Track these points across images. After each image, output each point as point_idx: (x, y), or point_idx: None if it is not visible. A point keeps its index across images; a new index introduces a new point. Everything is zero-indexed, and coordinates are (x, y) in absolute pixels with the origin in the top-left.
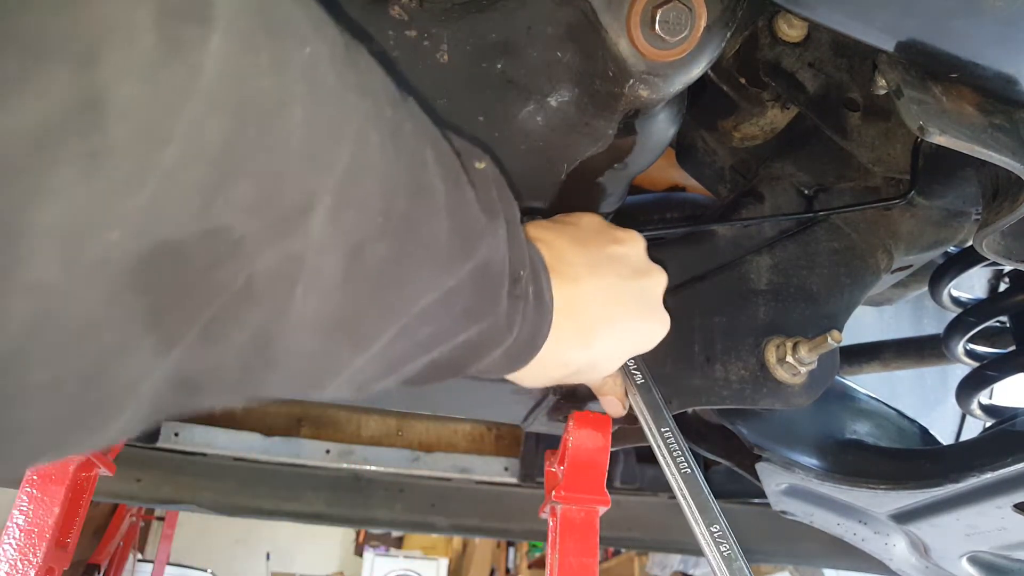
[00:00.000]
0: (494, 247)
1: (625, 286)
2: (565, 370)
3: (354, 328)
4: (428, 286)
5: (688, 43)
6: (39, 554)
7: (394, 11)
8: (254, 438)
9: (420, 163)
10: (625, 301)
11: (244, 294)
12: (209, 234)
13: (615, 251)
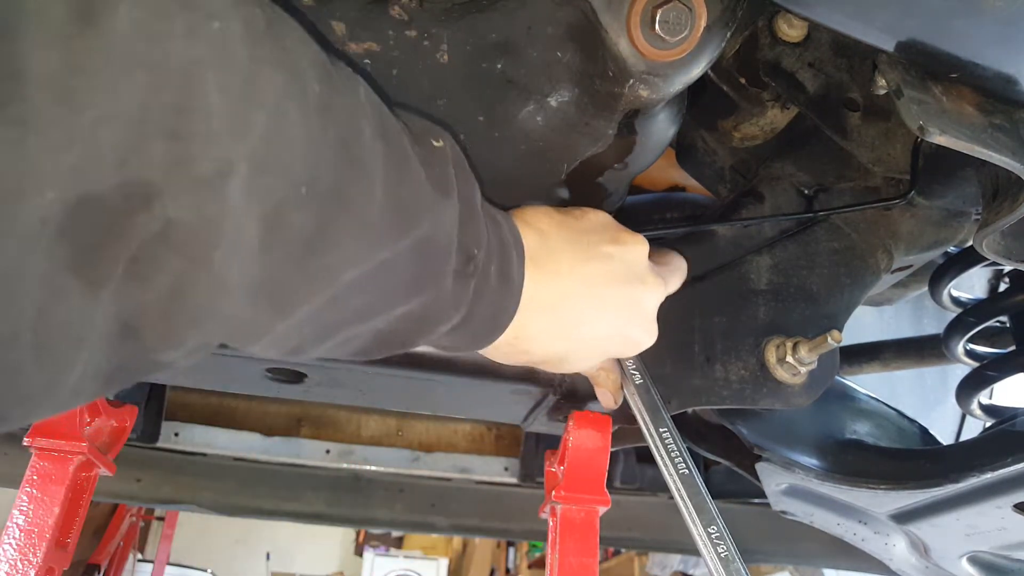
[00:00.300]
0: (440, 223)
1: (612, 289)
2: (527, 357)
3: (275, 294)
4: (357, 257)
5: (688, 43)
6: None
7: (394, 11)
8: (254, 438)
9: (353, 137)
10: (607, 305)
11: (161, 238)
12: (126, 185)
13: (611, 251)
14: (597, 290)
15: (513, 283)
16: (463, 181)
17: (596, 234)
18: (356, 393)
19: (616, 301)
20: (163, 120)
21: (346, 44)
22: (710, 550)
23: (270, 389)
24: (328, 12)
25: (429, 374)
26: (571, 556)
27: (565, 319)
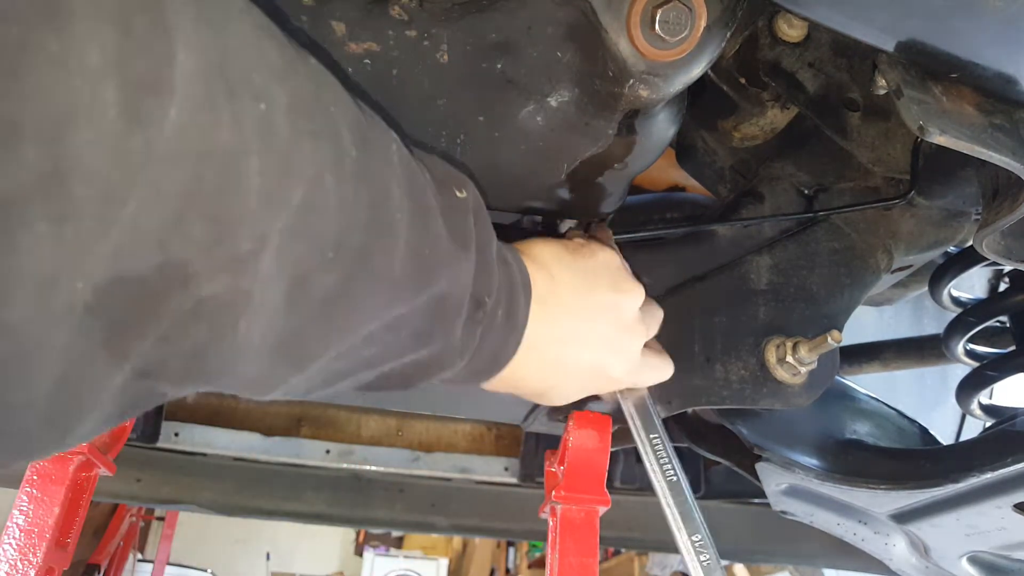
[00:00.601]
0: (456, 277)
1: (603, 333)
2: (515, 390)
3: (293, 351)
4: (376, 314)
5: (688, 43)
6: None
7: (394, 11)
8: (254, 438)
9: (383, 199)
10: (598, 349)
11: (192, 314)
12: (165, 267)
13: (611, 299)
14: (591, 337)
15: (518, 324)
16: (481, 230)
17: (601, 278)
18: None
19: (605, 345)
20: (204, 205)
21: (346, 44)
22: (693, 558)
23: None
24: (328, 12)
25: None
26: (571, 556)
27: (557, 358)
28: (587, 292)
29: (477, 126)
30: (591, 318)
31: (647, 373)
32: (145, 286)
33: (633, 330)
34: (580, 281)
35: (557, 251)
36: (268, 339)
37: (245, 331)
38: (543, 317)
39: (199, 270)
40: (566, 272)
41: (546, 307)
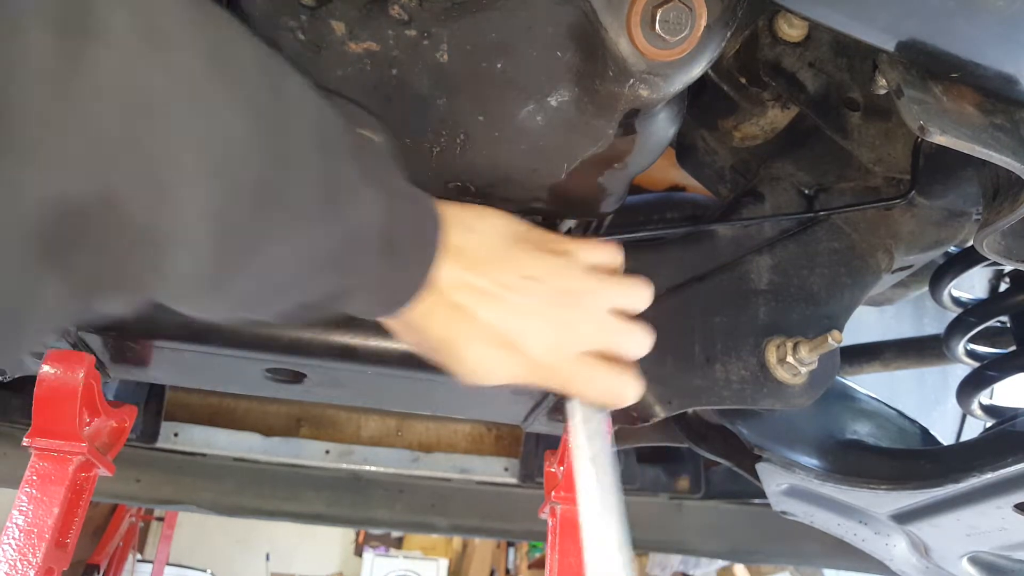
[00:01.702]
0: (366, 213)
1: (535, 307)
2: (421, 339)
3: (211, 270)
4: (286, 242)
5: (688, 43)
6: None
7: (394, 11)
8: (254, 438)
9: (295, 136)
10: (521, 316)
11: (121, 237)
12: (96, 194)
13: (556, 265)
14: (515, 295)
15: (424, 259)
16: (392, 172)
17: (549, 245)
18: (356, 393)
19: (533, 315)
20: (131, 141)
21: (346, 44)
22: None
23: (270, 389)
24: (328, 12)
25: (429, 374)
26: (571, 556)
27: (468, 310)
28: (521, 252)
29: (477, 126)
30: (523, 280)
31: (585, 382)
32: (80, 211)
33: (586, 319)
34: (512, 241)
35: (502, 218)
36: (187, 260)
37: (167, 252)
38: (459, 262)
39: (127, 198)
40: (497, 230)
41: (464, 254)
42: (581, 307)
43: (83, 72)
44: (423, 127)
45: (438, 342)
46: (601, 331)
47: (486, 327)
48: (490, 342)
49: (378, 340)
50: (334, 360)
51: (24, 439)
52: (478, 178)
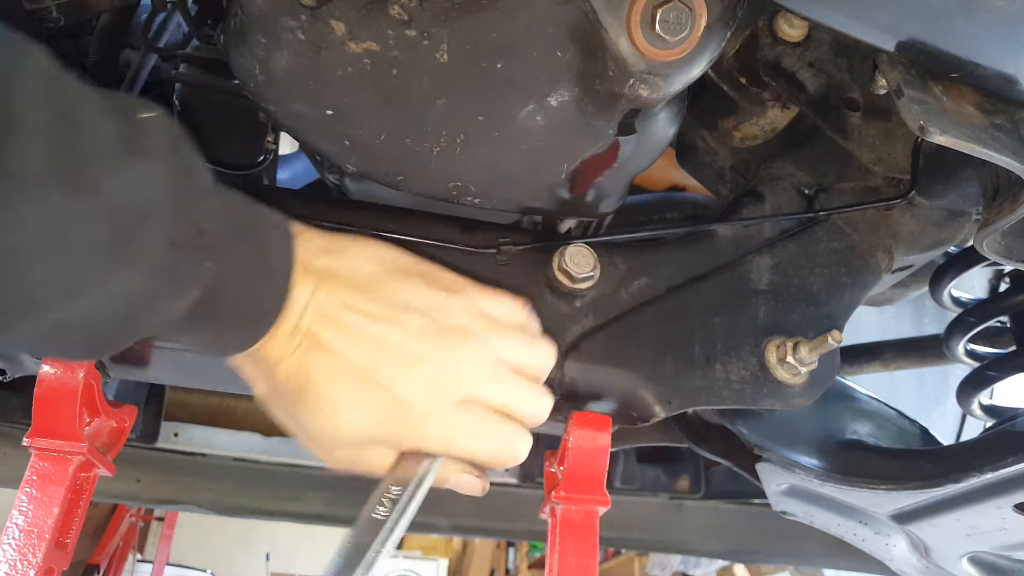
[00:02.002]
0: (134, 186)
1: (416, 348)
2: (267, 378)
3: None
4: (23, 217)
5: (688, 43)
6: (38, 554)
7: (394, 10)
8: (254, 438)
9: (19, 98)
10: (401, 357)
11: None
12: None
13: (443, 301)
14: (394, 329)
15: (274, 269)
16: (175, 152)
17: (436, 279)
18: None
19: (416, 358)
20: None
21: (346, 44)
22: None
23: None
24: (328, 12)
25: None
26: (571, 556)
27: (330, 345)
28: (403, 282)
29: (477, 126)
30: (400, 312)
31: (466, 433)
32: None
33: (473, 362)
34: (393, 270)
35: (384, 248)
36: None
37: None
38: (323, 287)
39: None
40: (374, 256)
41: (328, 278)
42: (468, 348)
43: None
44: (423, 127)
45: (290, 382)
46: (491, 380)
47: (349, 363)
48: (352, 381)
49: None
50: None
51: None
52: (478, 178)
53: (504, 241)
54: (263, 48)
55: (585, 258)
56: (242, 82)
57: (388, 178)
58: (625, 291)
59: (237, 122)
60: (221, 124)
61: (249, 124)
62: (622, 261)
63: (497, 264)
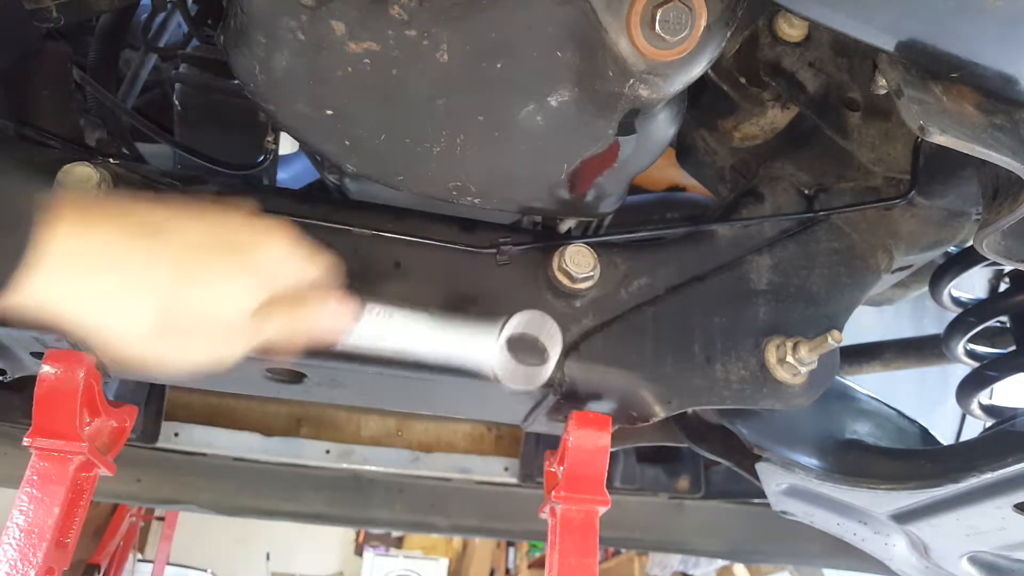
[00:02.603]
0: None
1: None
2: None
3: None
4: None
5: (688, 43)
6: (39, 554)
7: (394, 11)
8: (254, 438)
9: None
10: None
11: None
12: None
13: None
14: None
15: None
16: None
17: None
18: (356, 394)
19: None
20: None
21: (346, 44)
22: None
23: (270, 389)
24: (328, 12)
25: (429, 374)
26: (571, 556)
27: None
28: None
29: (477, 126)
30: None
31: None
32: None
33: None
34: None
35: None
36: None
37: None
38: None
39: None
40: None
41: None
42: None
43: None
44: (423, 127)
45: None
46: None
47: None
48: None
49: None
50: (334, 360)
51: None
52: (478, 178)
53: (504, 241)
54: (263, 48)
55: (585, 258)
56: (242, 82)
57: (388, 178)
58: (625, 291)
59: (237, 122)
60: (221, 124)
61: (249, 124)
62: (622, 261)
63: (497, 264)
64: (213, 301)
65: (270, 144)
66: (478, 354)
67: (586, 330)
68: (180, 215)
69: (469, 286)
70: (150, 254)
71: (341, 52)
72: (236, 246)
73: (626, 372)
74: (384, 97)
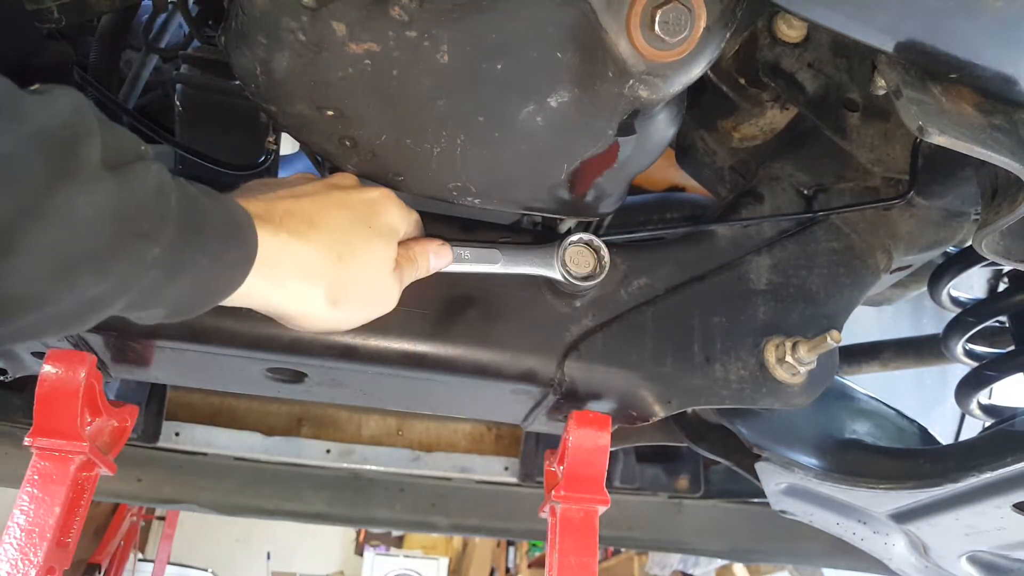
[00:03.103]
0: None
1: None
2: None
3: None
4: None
5: (688, 43)
6: (40, 553)
7: (394, 11)
8: (254, 438)
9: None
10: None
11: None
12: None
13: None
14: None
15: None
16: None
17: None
18: (357, 393)
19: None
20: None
21: (346, 44)
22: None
23: (270, 389)
24: (329, 13)
25: (429, 374)
26: (571, 555)
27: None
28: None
29: (477, 126)
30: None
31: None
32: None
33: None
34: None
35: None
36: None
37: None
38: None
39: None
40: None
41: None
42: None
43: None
44: (423, 128)
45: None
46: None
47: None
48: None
49: (378, 340)
50: (334, 360)
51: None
52: (478, 179)
53: (504, 241)
54: (264, 49)
55: (585, 258)
56: (243, 83)
57: (388, 178)
58: (625, 291)
59: (238, 122)
60: (222, 125)
61: (250, 124)
62: (622, 261)
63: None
64: (371, 264)
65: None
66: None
67: (586, 330)
68: (322, 206)
69: (468, 287)
70: (316, 243)
71: (342, 53)
72: (369, 217)
73: (626, 372)
74: (384, 98)
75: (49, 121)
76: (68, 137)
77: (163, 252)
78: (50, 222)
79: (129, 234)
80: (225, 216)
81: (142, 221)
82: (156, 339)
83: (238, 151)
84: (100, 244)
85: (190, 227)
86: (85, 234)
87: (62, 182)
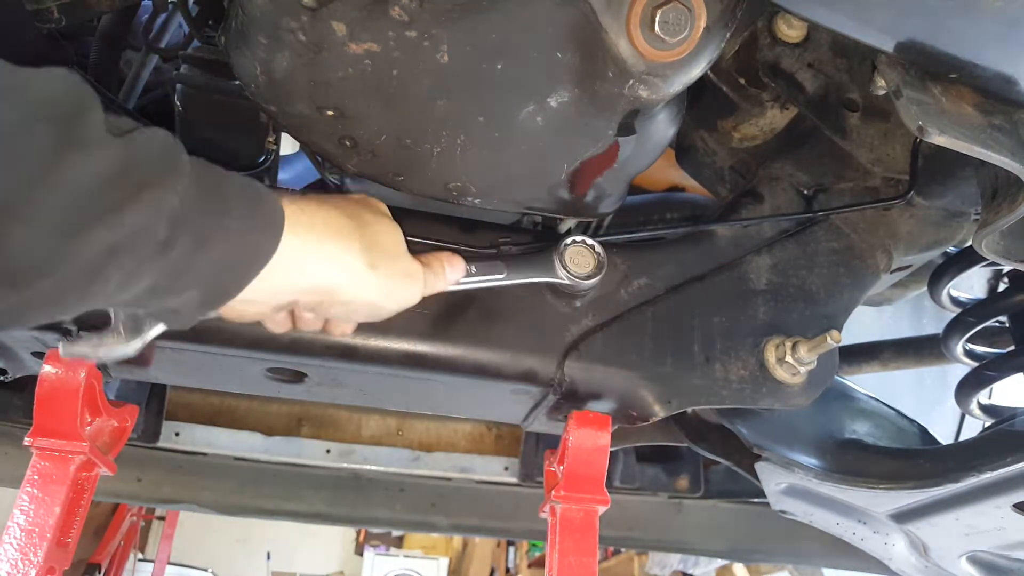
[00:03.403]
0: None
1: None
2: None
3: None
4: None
5: (688, 44)
6: (40, 553)
7: (394, 11)
8: (255, 438)
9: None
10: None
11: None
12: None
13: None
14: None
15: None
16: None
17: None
18: (357, 393)
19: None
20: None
21: (346, 44)
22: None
23: (271, 389)
24: (329, 13)
25: (429, 374)
26: (571, 555)
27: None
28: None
29: (477, 126)
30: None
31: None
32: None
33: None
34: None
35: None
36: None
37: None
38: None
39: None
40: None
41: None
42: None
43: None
44: (423, 128)
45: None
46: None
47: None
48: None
49: (378, 340)
50: (334, 360)
51: (25, 439)
52: (478, 179)
53: (504, 241)
54: (264, 49)
55: (585, 258)
56: (243, 83)
57: (388, 178)
58: (625, 291)
59: (238, 123)
60: (222, 125)
61: (250, 125)
62: (622, 261)
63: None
64: (388, 233)
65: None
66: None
67: (586, 330)
68: (319, 197)
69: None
70: (337, 209)
71: (342, 53)
72: (367, 204)
73: (626, 372)
74: (385, 98)
75: (51, 93)
76: (72, 105)
77: (184, 207)
78: (59, 188)
79: (139, 184)
80: (243, 181)
81: (152, 171)
82: (156, 339)
83: (238, 151)
84: (110, 197)
85: (209, 188)
86: (94, 191)
87: (69, 149)
